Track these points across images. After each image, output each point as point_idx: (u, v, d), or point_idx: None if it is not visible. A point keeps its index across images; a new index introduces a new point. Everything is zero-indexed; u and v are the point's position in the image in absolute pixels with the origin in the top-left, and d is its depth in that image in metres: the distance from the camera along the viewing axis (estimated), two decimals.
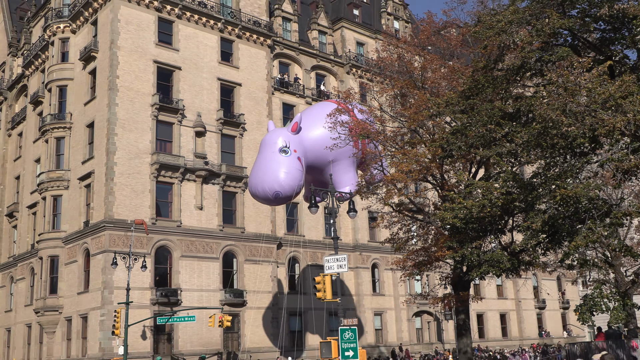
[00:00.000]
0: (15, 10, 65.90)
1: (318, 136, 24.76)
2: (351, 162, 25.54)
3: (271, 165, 22.84)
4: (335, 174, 25.43)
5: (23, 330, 51.50)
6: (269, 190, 22.54)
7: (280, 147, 23.21)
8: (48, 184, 47.47)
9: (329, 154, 24.76)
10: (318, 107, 27.81)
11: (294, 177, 22.72)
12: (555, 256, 25.89)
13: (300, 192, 23.84)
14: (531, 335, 67.01)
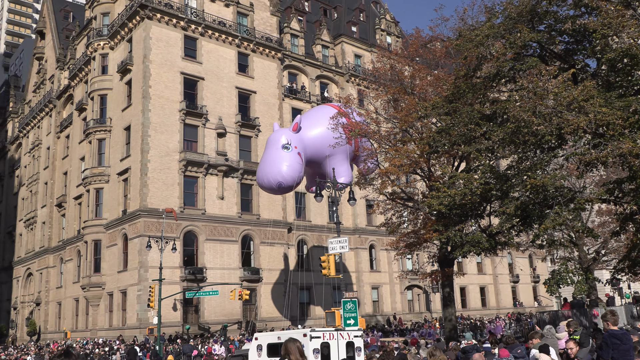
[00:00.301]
0: (62, 30, 66.00)
1: (316, 135, 25.03)
2: (345, 156, 25.75)
3: (275, 159, 23.05)
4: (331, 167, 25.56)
5: (72, 304, 51.81)
6: (273, 181, 22.72)
7: (282, 144, 23.41)
8: (91, 178, 47.64)
9: (325, 149, 25.04)
10: (316, 109, 28.08)
11: (294, 170, 22.98)
12: (527, 237, 25.85)
13: (300, 183, 24.08)
14: (507, 305, 67.04)
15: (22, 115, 73.57)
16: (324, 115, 26.19)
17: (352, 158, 26.50)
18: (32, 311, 60.45)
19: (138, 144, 43.46)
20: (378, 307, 55.46)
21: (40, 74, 68.25)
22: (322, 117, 26.00)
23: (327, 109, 26.94)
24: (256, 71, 51.08)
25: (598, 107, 15.19)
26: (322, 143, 24.95)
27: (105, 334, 43.62)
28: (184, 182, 44.18)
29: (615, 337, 8.89)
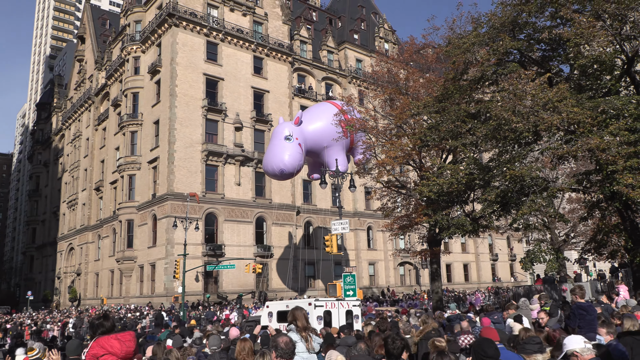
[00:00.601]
0: (100, 35, 65.84)
1: (315, 128, 25.11)
2: (341, 147, 25.77)
3: (278, 149, 23.11)
4: (328, 157, 25.62)
5: (107, 275, 52.17)
6: (276, 168, 22.83)
7: (285, 135, 23.44)
8: (125, 166, 47.75)
9: (323, 141, 25.23)
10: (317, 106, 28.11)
11: (295, 159, 23.09)
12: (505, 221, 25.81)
13: (300, 170, 24.24)
14: (487, 280, 67.06)
15: (64, 110, 73.69)
16: (324, 111, 26.14)
17: (347, 149, 26.36)
18: (73, 280, 60.94)
19: (166, 136, 43.46)
20: (374, 280, 55.62)
21: (81, 73, 68.21)
22: (322, 113, 25.95)
23: (326, 105, 26.90)
24: (269, 73, 50.89)
25: (570, 107, 15.07)
26: (320, 135, 25.00)
27: (136, 301, 43.95)
28: (205, 170, 44.23)
29: (582, 309, 8.89)
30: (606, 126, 14.95)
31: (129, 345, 4.88)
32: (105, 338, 4.91)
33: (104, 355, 4.80)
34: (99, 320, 5.09)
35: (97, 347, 4.85)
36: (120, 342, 4.85)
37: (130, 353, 4.89)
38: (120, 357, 4.80)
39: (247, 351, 7.18)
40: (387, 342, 5.61)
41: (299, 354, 6.04)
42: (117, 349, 4.80)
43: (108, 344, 4.83)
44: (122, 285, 47.82)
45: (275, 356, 4.60)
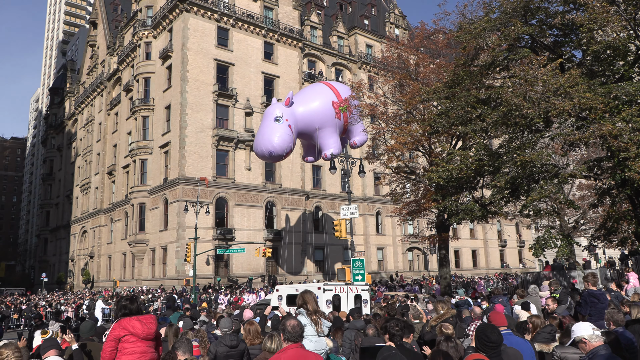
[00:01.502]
0: (112, 20, 65.79)
1: (306, 109, 24.02)
2: (334, 129, 24.80)
3: (267, 131, 22.33)
4: (321, 139, 24.69)
5: (120, 257, 52.79)
6: (265, 150, 22.19)
7: (275, 116, 22.58)
8: (137, 150, 47.99)
9: (315, 122, 24.29)
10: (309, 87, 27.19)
11: (284, 141, 22.31)
12: (515, 207, 25.66)
13: (290, 152, 23.34)
14: (495, 266, 67.00)
15: (77, 95, 74.00)
16: (316, 92, 25.17)
17: (341, 132, 25.71)
18: (86, 263, 61.75)
19: (177, 121, 43.54)
20: (382, 265, 55.78)
21: (93, 59, 68.34)
22: (314, 94, 24.95)
23: (319, 86, 26.11)
24: (280, 58, 50.62)
25: (582, 93, 14.84)
26: (312, 117, 24.06)
27: (149, 284, 44.48)
28: (216, 155, 44.35)
29: (594, 296, 8.86)
30: (618, 112, 14.72)
31: (150, 327, 4.97)
32: (127, 319, 5.01)
33: (126, 335, 4.90)
34: (124, 302, 5.18)
35: (119, 329, 4.95)
36: (141, 323, 4.95)
37: (151, 334, 4.98)
38: (141, 338, 4.89)
39: (253, 334, 7.27)
40: (387, 326, 5.69)
41: (308, 337, 6.07)
42: (139, 330, 4.90)
43: (130, 325, 4.94)
44: (135, 268, 48.38)
45: (284, 339, 4.65)
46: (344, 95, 24.97)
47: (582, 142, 15.87)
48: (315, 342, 6.20)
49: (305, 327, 5.93)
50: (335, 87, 25.33)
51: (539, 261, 65.07)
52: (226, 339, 6.96)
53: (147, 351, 4.95)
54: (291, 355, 4.42)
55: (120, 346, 4.91)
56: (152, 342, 5.05)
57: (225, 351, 6.82)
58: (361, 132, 26.34)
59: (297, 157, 49.45)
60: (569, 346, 5.32)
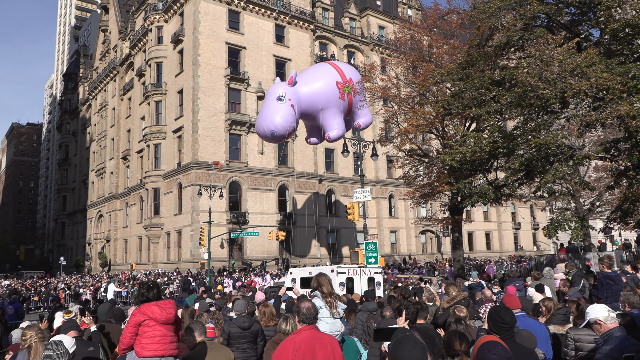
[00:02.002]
0: (123, 5, 65.75)
1: (310, 89, 23.06)
2: (338, 110, 23.83)
3: (269, 111, 21.55)
4: (324, 120, 23.76)
5: (136, 241, 53.50)
6: (267, 130, 21.43)
7: (277, 96, 21.80)
8: (151, 135, 48.29)
9: (319, 103, 23.32)
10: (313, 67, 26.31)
11: (286, 120, 21.54)
12: (529, 189, 25.44)
13: (293, 132, 22.57)
14: (509, 248, 66.78)
15: (90, 80, 74.44)
16: (320, 72, 24.37)
17: (346, 113, 24.95)
18: (103, 246, 62.72)
19: (190, 105, 43.66)
20: (395, 248, 55.87)
21: (105, 44, 68.51)
22: (318, 74, 24.16)
23: (323, 66, 25.32)
24: (291, 41, 50.29)
25: (599, 72, 14.56)
26: (316, 97, 23.20)
27: (164, 267, 45.11)
28: (229, 139, 44.47)
29: (609, 279, 8.81)
30: (637, 92, 14.43)
31: (169, 312, 5.09)
32: (146, 305, 5.14)
33: (145, 320, 5.02)
34: (142, 290, 5.31)
35: (139, 314, 5.07)
36: (160, 308, 5.07)
37: (170, 319, 5.09)
38: (160, 322, 5.01)
39: (268, 316, 7.40)
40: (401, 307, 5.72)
41: (323, 319, 6.13)
42: (158, 315, 5.01)
43: (149, 310, 5.06)
44: (150, 252, 49.04)
45: (298, 321, 4.72)
46: (349, 75, 24.24)
47: (598, 123, 15.61)
48: (331, 324, 6.27)
49: (320, 310, 6.06)
50: (340, 67, 24.55)
51: (553, 244, 64.72)
52: (239, 321, 7.08)
53: (167, 334, 5.07)
54: (305, 337, 4.48)
55: (140, 330, 5.03)
56: (172, 326, 5.15)
57: (238, 332, 6.96)
58: (366, 113, 25.51)
59: None
60: (583, 328, 5.32)
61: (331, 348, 4.50)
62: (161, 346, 4.97)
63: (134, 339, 5.04)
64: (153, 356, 4.92)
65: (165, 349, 5.00)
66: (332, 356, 4.44)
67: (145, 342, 4.95)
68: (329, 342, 4.55)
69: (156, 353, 4.93)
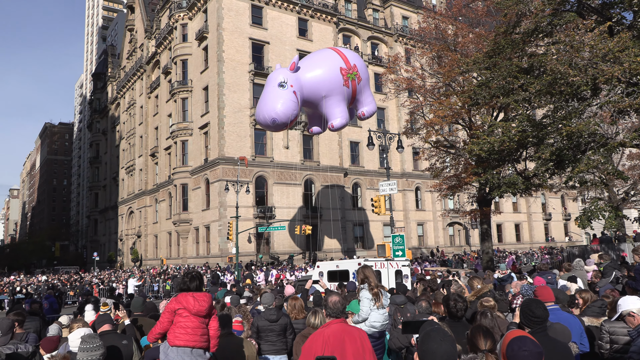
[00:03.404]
0: (149, 4, 66.59)
1: (313, 76, 21.94)
2: (342, 97, 22.62)
3: (270, 97, 20.56)
4: (327, 108, 22.61)
5: (166, 237, 54.43)
6: (268, 117, 20.32)
7: (279, 82, 20.77)
8: (178, 132, 48.95)
9: (322, 90, 22.02)
10: (316, 52, 24.72)
11: (288, 107, 20.11)
12: (560, 179, 24.89)
13: (295, 119, 21.11)
14: (539, 240, 65.49)
15: (118, 79, 75.79)
16: (323, 58, 23.22)
17: (350, 101, 23.48)
18: (134, 242, 64.01)
19: (215, 101, 44.06)
20: (423, 241, 55.46)
21: (132, 43, 69.60)
22: (321, 59, 23.06)
23: (327, 51, 23.59)
24: (314, 35, 50.18)
25: (633, 57, 14.10)
26: (319, 84, 22.06)
27: (194, 261, 45.80)
28: (254, 134, 44.73)
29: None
30: None
31: (202, 304, 5.18)
32: (183, 294, 5.26)
33: (180, 309, 5.15)
34: (185, 279, 5.47)
35: (175, 302, 5.20)
36: (195, 299, 5.18)
37: (202, 312, 5.18)
38: (193, 313, 5.11)
39: (298, 309, 7.49)
40: (449, 304, 5.58)
41: (374, 310, 6.32)
42: (191, 305, 5.12)
43: (184, 300, 5.18)
44: (180, 247, 49.84)
45: (326, 314, 4.75)
46: (353, 62, 22.89)
47: (632, 109, 15.14)
48: (382, 314, 6.38)
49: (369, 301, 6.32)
50: (344, 53, 23.12)
51: (585, 234, 63.22)
52: (266, 314, 7.17)
53: (199, 327, 5.17)
54: (334, 330, 4.50)
55: (175, 319, 5.17)
56: (205, 318, 5.25)
57: (266, 325, 7.04)
58: (370, 101, 24.10)
59: (334, 134, 49.30)
60: (618, 320, 5.18)
61: (360, 341, 4.50)
62: (193, 337, 5.08)
63: (170, 325, 5.19)
64: (185, 346, 5.04)
65: (197, 340, 5.11)
66: (361, 349, 4.43)
67: (178, 331, 5.08)
68: (358, 335, 4.56)
69: (187, 343, 5.04)
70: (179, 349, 5.03)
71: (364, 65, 23.68)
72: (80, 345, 4.51)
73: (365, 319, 6.37)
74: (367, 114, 24.23)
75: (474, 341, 3.67)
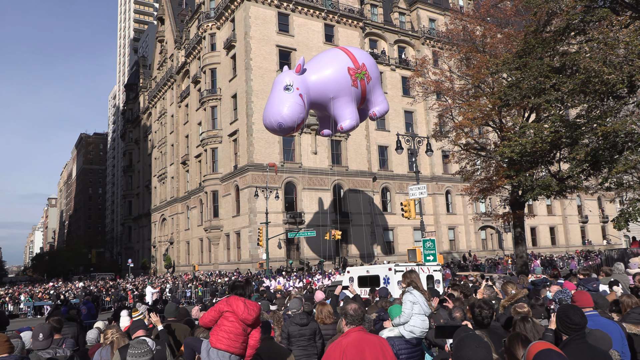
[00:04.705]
0: (178, 15, 67.95)
1: (320, 77, 21.19)
2: (350, 98, 21.89)
3: (276, 101, 19.88)
4: (336, 110, 21.96)
5: (197, 243, 55.17)
6: (274, 122, 19.69)
7: (285, 85, 20.06)
8: (208, 140, 49.65)
9: (329, 91, 21.30)
10: (322, 53, 23.90)
11: (294, 111, 19.38)
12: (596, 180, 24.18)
13: (302, 123, 20.31)
14: (576, 243, 63.68)
15: (150, 90, 77.47)
16: (330, 58, 22.44)
17: (359, 101, 22.72)
18: (167, 248, 65.08)
19: (243, 109, 44.54)
20: (454, 245, 54.65)
21: (162, 53, 71.11)
22: (328, 60, 22.31)
23: (334, 51, 23.25)
24: (340, 40, 50.23)
25: None
26: (326, 85, 21.33)
27: (225, 267, 46.25)
28: (283, 141, 44.97)
29: None
30: None
31: (251, 313, 5.17)
32: (234, 298, 5.26)
33: (227, 312, 5.15)
34: (240, 282, 5.50)
35: (225, 304, 5.20)
36: (245, 305, 5.17)
37: (249, 320, 5.15)
38: (240, 318, 5.12)
39: (325, 314, 7.49)
40: (474, 311, 5.44)
41: (416, 315, 6.33)
42: (240, 311, 5.12)
43: (235, 303, 5.17)
44: (211, 253, 50.42)
45: (345, 323, 4.67)
46: (361, 60, 22.08)
47: None
48: (423, 320, 6.34)
49: (415, 305, 6.32)
50: (352, 52, 22.30)
51: (625, 237, 61.16)
52: (296, 318, 7.17)
53: (242, 334, 5.16)
54: (353, 339, 4.41)
55: (220, 321, 5.18)
56: (249, 327, 5.24)
57: (297, 329, 7.05)
58: (382, 101, 23.18)
59: (362, 138, 49.17)
60: None
61: (381, 349, 4.40)
62: (234, 343, 5.09)
63: (212, 324, 5.22)
64: (225, 350, 5.06)
65: (237, 347, 5.11)
66: (382, 357, 4.33)
67: (221, 334, 5.10)
68: (378, 343, 4.47)
69: (228, 349, 5.07)
70: (219, 352, 5.06)
71: (373, 64, 22.88)
72: (129, 350, 4.63)
73: (406, 321, 6.33)
74: (379, 114, 23.36)
75: (512, 350, 3.56)
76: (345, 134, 47.80)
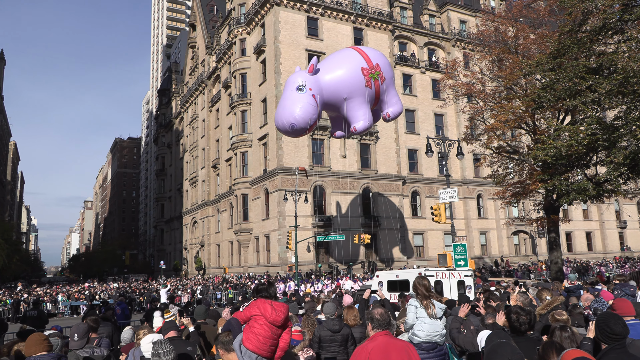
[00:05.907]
0: (209, 21, 69.07)
1: (333, 77, 20.63)
2: (364, 99, 21.23)
3: (289, 102, 19.39)
4: (349, 111, 21.30)
5: (227, 246, 55.75)
6: (287, 123, 19.22)
7: (297, 85, 19.55)
8: (238, 144, 50.19)
9: (342, 92, 20.74)
10: (335, 53, 23.42)
11: (307, 112, 18.92)
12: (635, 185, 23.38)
13: (315, 124, 19.84)
14: (613, 249, 61.65)
15: (182, 95, 78.89)
16: (344, 58, 21.93)
17: (373, 102, 22.15)
18: (198, 251, 65.98)
19: (273, 113, 44.78)
20: (486, 250, 53.66)
21: (194, 59, 72.35)
22: (341, 60, 21.84)
23: (347, 51, 22.75)
24: (370, 43, 50.10)
25: None
26: (339, 86, 20.81)
27: (254, 270, 46.56)
28: (312, 144, 45.11)
29: None
30: None
31: (279, 314, 5.24)
32: (262, 300, 5.35)
33: (256, 315, 5.23)
34: (263, 285, 5.60)
35: (253, 307, 5.30)
36: (272, 308, 5.24)
37: (278, 322, 5.22)
38: (268, 321, 5.19)
39: (351, 318, 7.54)
40: (511, 317, 5.30)
41: (420, 319, 6.36)
42: (268, 313, 5.19)
43: (262, 306, 5.25)
44: (241, 256, 50.87)
45: (372, 327, 4.68)
46: (375, 61, 21.56)
47: None
48: (428, 324, 6.32)
49: (417, 310, 6.41)
50: (366, 52, 21.76)
51: None
52: (329, 324, 7.14)
53: (271, 337, 5.21)
54: (378, 344, 4.44)
55: (250, 322, 5.26)
56: (278, 329, 5.29)
57: (328, 335, 7.02)
58: (396, 102, 22.64)
59: (391, 142, 48.86)
60: None
61: (407, 353, 4.41)
62: (262, 346, 5.14)
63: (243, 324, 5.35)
64: (253, 351, 5.11)
65: (265, 350, 5.16)
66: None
67: (250, 336, 5.18)
68: (405, 347, 4.47)
69: (255, 350, 5.12)
70: (247, 351, 5.13)
71: (387, 64, 22.48)
72: (152, 350, 4.70)
73: (411, 326, 6.41)
74: (393, 115, 22.85)
75: (546, 357, 3.46)
76: (375, 138, 47.60)
